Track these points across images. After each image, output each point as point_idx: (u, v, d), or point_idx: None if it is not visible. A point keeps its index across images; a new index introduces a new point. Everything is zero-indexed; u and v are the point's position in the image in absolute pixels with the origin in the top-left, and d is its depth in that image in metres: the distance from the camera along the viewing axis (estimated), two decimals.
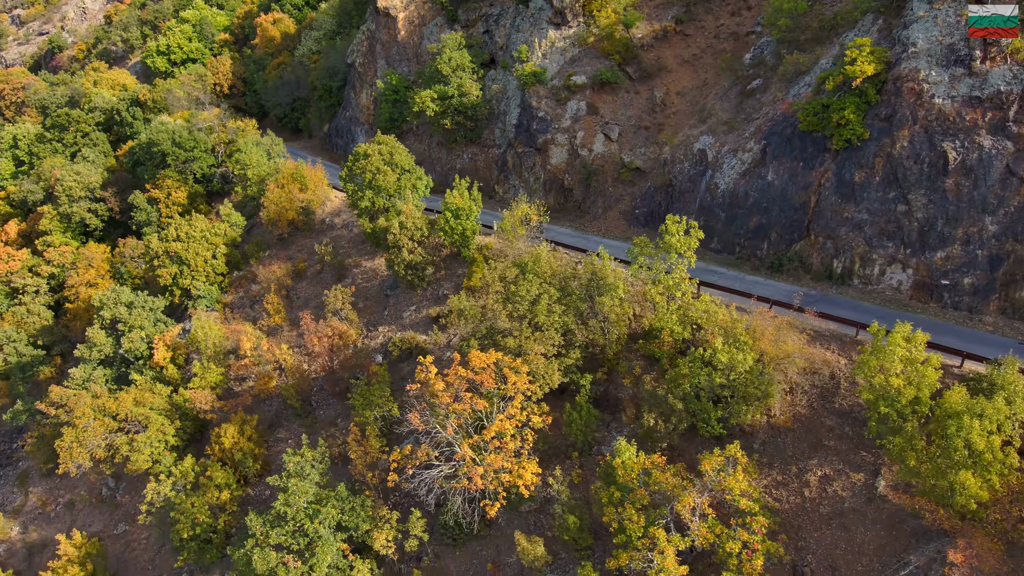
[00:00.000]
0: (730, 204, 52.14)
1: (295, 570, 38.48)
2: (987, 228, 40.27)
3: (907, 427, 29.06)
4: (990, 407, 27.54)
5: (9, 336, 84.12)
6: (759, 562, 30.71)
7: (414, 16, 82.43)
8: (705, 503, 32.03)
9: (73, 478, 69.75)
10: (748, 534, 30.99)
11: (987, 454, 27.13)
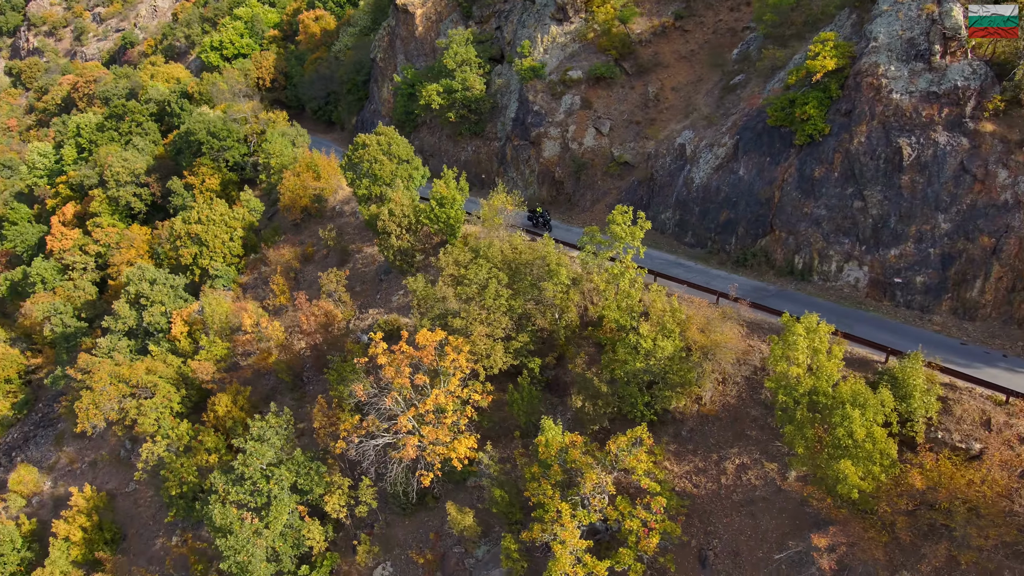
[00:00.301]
0: (703, 199, 52.50)
1: (249, 526, 41.65)
2: (940, 226, 39.66)
3: (797, 415, 29.53)
4: (873, 398, 27.77)
5: (57, 308, 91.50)
6: (655, 540, 31.78)
7: (431, 12, 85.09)
8: (609, 481, 33.18)
9: (98, 440, 76.15)
10: (647, 513, 32.09)
11: (867, 444, 27.43)
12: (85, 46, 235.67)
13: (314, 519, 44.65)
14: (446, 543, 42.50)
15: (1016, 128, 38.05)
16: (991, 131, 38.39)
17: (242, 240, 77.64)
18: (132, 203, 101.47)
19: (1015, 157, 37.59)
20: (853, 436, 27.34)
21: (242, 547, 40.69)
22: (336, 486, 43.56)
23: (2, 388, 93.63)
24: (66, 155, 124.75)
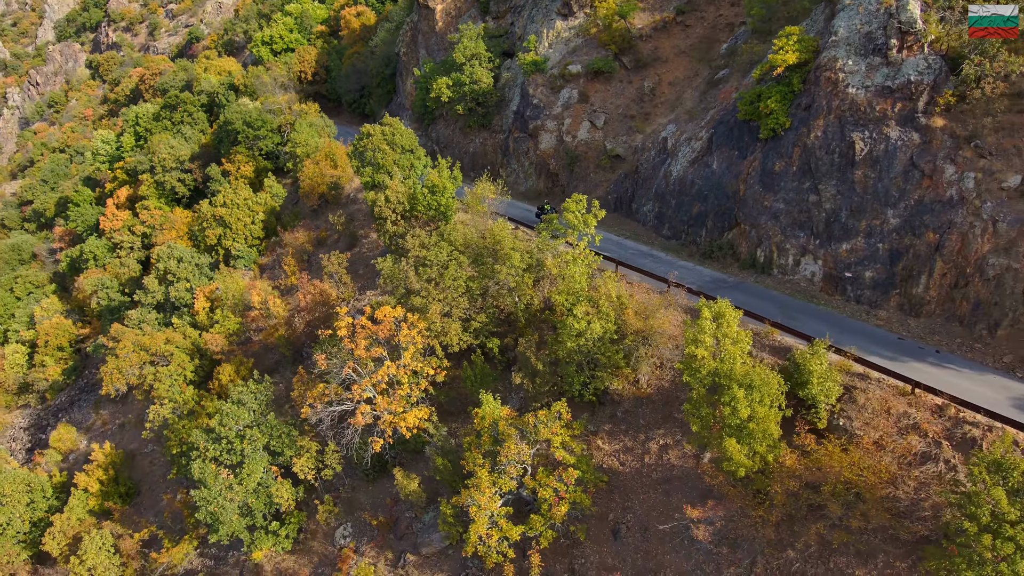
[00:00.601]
0: (679, 192, 53.35)
1: (223, 480, 45.41)
2: (889, 221, 39.68)
3: (694, 395, 30.76)
4: (759, 379, 28.77)
5: (104, 283, 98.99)
6: (564, 508, 33.59)
7: (450, 8, 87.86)
8: (527, 451, 35.06)
9: (129, 404, 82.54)
10: (559, 483, 33.88)
11: (751, 424, 28.50)
12: (157, 41, 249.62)
13: (287, 480, 48.13)
14: (400, 508, 45.25)
15: (965, 123, 37.74)
16: (941, 126, 38.19)
17: (263, 223, 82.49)
18: (176, 187, 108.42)
19: (963, 153, 37.34)
20: (738, 415, 28.45)
21: (214, 499, 44.50)
22: (305, 450, 46.88)
23: (55, 355, 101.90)
24: (125, 143, 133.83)
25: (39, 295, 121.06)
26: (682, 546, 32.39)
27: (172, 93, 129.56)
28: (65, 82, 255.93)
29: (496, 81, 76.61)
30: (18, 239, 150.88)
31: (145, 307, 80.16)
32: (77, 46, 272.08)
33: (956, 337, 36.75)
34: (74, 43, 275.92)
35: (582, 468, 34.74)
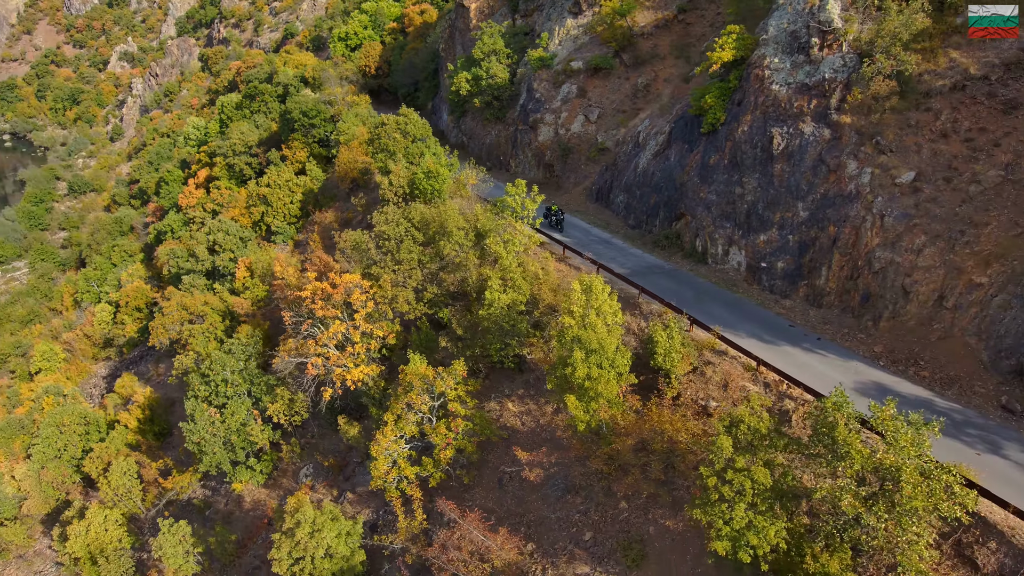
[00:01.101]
0: (642, 183, 56.06)
1: (208, 417, 52.85)
2: (799, 214, 41.32)
3: (553, 356, 34.39)
4: (596, 344, 32.05)
5: (175, 253, 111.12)
6: (450, 453, 38.13)
7: (483, 6, 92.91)
8: (427, 400, 39.69)
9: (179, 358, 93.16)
10: (447, 431, 38.40)
11: (587, 383, 31.93)
12: (260, 36, 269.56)
13: (267, 424, 55.10)
14: (352, 453, 51.04)
15: (871, 120, 38.86)
16: (849, 123, 39.48)
17: (300, 204, 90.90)
18: (244, 170, 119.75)
19: (865, 149, 38.56)
20: (576, 375, 31.98)
21: (199, 432, 51.99)
22: (279, 396, 53.55)
23: (133, 315, 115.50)
24: (211, 129, 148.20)
25: (130, 262, 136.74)
26: (545, 494, 36.11)
27: (252, 84, 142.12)
28: (180, 73, 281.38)
29: (512, 76, 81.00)
30: (122, 213, 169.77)
31: (196, 274, 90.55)
32: (192, 41, 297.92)
33: (844, 327, 38.16)
34: (190, 38, 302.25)
35: (475, 420, 39.07)
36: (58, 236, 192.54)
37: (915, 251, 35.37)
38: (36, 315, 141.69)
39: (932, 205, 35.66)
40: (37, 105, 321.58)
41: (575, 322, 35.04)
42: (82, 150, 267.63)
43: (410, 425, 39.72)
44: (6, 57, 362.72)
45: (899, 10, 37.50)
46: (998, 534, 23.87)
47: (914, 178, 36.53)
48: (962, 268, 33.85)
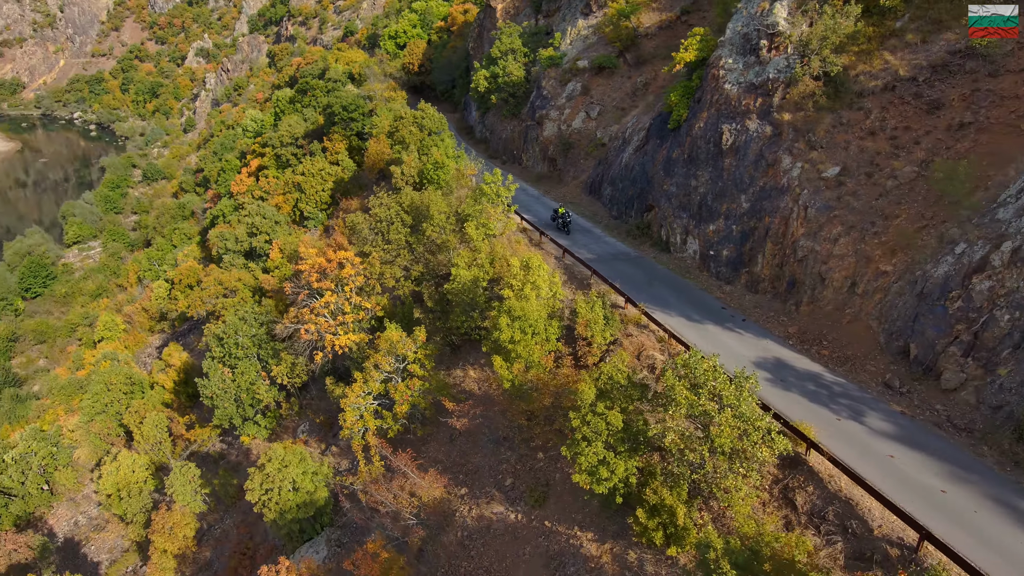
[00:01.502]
0: (624, 176, 59.61)
1: (222, 375, 59.52)
2: (742, 205, 44.34)
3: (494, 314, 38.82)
4: (519, 312, 36.27)
5: (224, 235, 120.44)
6: (405, 407, 43.09)
7: (509, 7, 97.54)
8: (390, 362, 44.73)
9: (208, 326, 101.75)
10: (405, 388, 43.37)
11: (510, 345, 36.25)
12: (324, 34, 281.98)
13: (272, 385, 61.43)
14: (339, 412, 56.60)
15: (807, 118, 41.55)
16: (788, 120, 42.27)
17: (331, 191, 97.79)
18: (289, 160, 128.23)
19: (798, 145, 41.32)
20: (502, 338, 36.36)
21: (211, 387, 58.72)
22: (282, 360, 59.76)
23: (185, 292, 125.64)
24: (266, 121, 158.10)
25: (187, 244, 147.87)
26: (482, 446, 40.59)
27: (304, 80, 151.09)
28: (249, 69, 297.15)
29: (528, 74, 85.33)
30: (186, 199, 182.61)
31: (236, 253, 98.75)
32: (262, 38, 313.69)
33: (772, 311, 41.09)
34: (260, 35, 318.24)
35: (431, 381, 43.88)
36: (130, 219, 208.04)
37: (832, 240, 38.11)
38: (104, 290, 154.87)
39: (852, 198, 38.28)
40: (121, 98, 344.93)
41: (512, 294, 39.36)
42: (158, 140, 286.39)
43: (376, 384, 44.89)
44: (95, 52, 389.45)
45: (832, 15, 40.06)
46: (818, 480, 26.95)
47: (839, 172, 39.17)
48: (871, 257, 36.45)
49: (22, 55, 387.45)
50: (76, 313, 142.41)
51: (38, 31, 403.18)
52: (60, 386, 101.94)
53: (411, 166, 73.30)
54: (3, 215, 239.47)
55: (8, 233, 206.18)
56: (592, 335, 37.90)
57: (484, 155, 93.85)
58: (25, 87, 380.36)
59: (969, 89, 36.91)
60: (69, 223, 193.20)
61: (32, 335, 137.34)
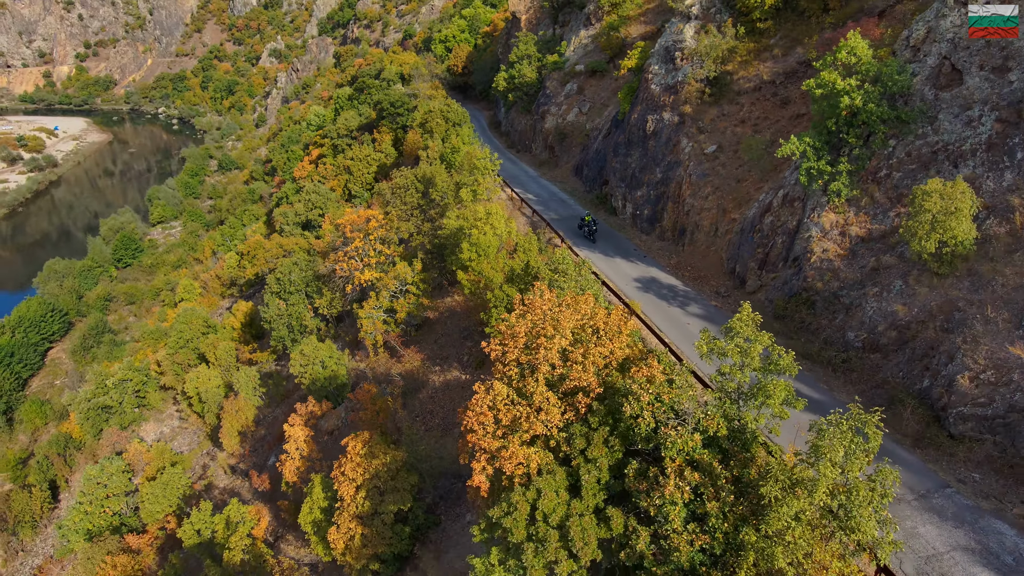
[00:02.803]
0: (594, 159, 76.10)
1: (276, 305, 78.92)
2: (656, 175, 60.42)
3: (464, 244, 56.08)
4: (475, 237, 53.41)
5: (286, 213, 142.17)
6: (403, 315, 60.83)
7: (532, 17, 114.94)
8: (395, 283, 62.63)
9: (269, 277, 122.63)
10: (404, 302, 61.13)
11: (471, 263, 53.47)
12: (386, 37, 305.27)
13: (316, 315, 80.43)
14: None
15: (700, 110, 57.36)
16: (687, 112, 58.14)
17: (374, 173, 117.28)
18: (344, 149, 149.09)
19: (692, 130, 57.18)
20: (463, 256, 53.65)
21: (270, 314, 78.16)
22: (325, 296, 78.64)
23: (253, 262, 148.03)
24: (327, 116, 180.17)
25: (255, 223, 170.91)
26: (455, 340, 58.04)
27: (362, 79, 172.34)
28: (316, 69, 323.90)
29: (539, 76, 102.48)
30: (255, 186, 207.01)
31: (295, 225, 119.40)
32: (329, 40, 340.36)
33: (667, 251, 57.04)
34: (328, 37, 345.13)
35: (424, 298, 61.59)
36: (206, 203, 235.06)
37: (704, 198, 53.93)
38: (183, 262, 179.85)
39: (721, 168, 54.03)
40: (200, 94, 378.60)
41: (477, 231, 56.62)
42: (232, 134, 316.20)
43: (385, 300, 63.00)
44: (179, 52, 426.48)
45: (715, 35, 55.76)
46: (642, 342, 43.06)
47: (715, 150, 54.91)
48: (727, 209, 52.15)
49: (115, 55, 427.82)
50: (160, 280, 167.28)
51: (129, 32, 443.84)
52: (149, 332, 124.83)
53: (434, 150, 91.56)
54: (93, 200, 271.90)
55: (95, 218, 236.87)
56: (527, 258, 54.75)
57: (505, 145, 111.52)
58: (116, 84, 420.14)
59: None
60: (154, 205, 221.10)
61: (124, 297, 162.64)
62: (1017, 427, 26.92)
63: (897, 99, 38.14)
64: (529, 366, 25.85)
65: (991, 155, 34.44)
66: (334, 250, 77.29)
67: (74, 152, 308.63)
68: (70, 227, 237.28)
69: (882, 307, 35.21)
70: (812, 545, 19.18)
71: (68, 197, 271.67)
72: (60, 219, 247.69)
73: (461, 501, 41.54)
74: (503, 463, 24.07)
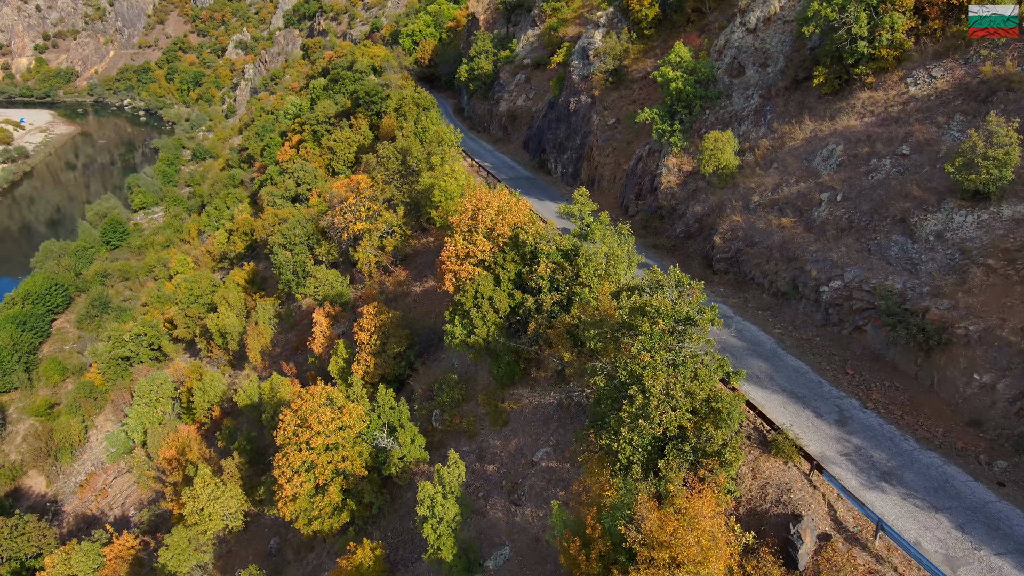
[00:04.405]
0: (536, 134, 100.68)
1: (283, 254, 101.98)
2: (577, 143, 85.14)
3: (435, 192, 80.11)
4: (442, 185, 77.36)
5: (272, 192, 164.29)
6: (390, 248, 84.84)
7: (489, 18, 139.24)
8: (384, 227, 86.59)
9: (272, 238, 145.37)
10: (391, 239, 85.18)
11: (438, 203, 77.47)
12: (353, 29, 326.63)
13: (318, 262, 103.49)
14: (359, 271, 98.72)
15: (605, 93, 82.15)
16: (597, 95, 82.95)
17: (355, 153, 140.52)
18: (323, 134, 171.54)
19: (599, 108, 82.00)
20: (435, 199, 77.63)
21: (278, 260, 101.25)
22: (324, 246, 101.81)
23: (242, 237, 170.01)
24: (304, 105, 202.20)
25: (239, 205, 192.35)
26: (430, 264, 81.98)
27: (336, 71, 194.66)
28: (284, 60, 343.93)
29: (495, 68, 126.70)
30: (234, 172, 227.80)
31: (284, 199, 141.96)
32: (296, 32, 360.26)
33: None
34: (294, 29, 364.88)
35: (406, 238, 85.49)
36: (185, 191, 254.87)
37: (607, 156, 78.76)
38: (171, 242, 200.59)
39: (618, 135, 78.91)
40: (166, 86, 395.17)
41: (444, 182, 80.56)
42: (202, 125, 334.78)
43: (376, 239, 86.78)
44: (142, 44, 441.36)
45: (611, 39, 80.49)
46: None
47: (615, 122, 79.75)
48: (620, 163, 77.04)
49: (76, 46, 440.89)
50: (151, 257, 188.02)
51: (89, 24, 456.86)
52: (155, 296, 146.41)
53: (408, 130, 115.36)
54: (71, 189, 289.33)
55: (58, 212, 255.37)
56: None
57: (467, 127, 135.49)
58: (79, 76, 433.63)
59: None
60: (135, 192, 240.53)
61: (118, 273, 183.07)
62: (740, 261, 51.99)
63: (707, 84, 63.25)
64: (472, 226, 50.13)
65: (756, 117, 59.62)
66: (331, 207, 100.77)
67: (44, 143, 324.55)
68: (53, 215, 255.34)
69: (694, 211, 60.24)
70: (600, 288, 43.79)
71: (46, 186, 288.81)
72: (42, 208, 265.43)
73: (438, 349, 65.63)
74: (460, 273, 48.37)
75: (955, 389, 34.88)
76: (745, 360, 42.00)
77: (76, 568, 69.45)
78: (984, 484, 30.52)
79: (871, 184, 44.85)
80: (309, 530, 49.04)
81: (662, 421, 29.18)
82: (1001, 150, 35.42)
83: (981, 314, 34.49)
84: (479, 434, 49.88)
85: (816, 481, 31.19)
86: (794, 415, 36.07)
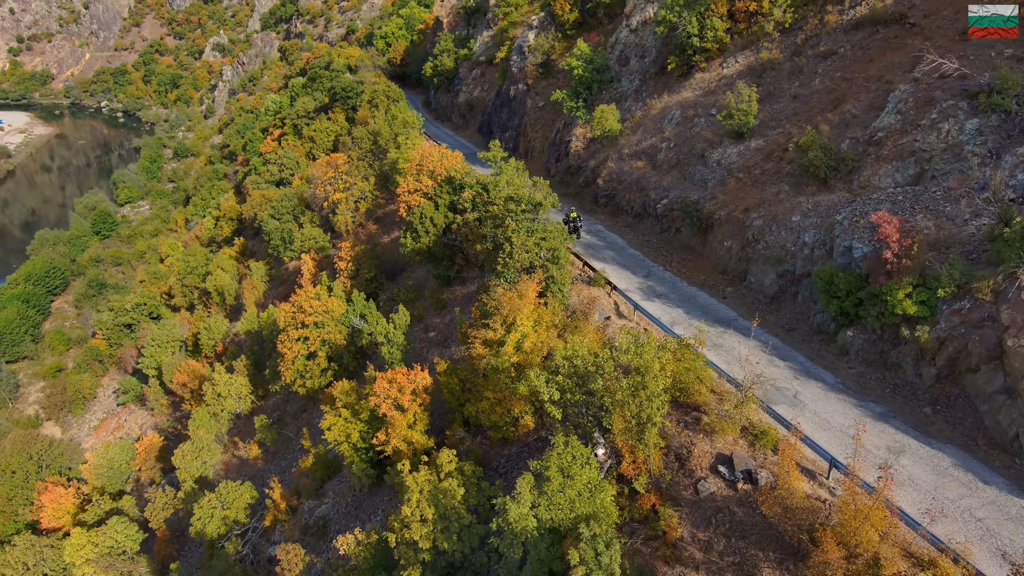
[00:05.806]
0: (487, 119, 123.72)
1: (271, 222, 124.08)
2: (516, 122, 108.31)
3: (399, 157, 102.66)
4: (405, 152, 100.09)
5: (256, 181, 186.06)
6: (363, 209, 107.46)
7: (452, 20, 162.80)
8: (358, 193, 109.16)
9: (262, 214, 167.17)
10: (364, 203, 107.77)
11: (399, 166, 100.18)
12: (329, 31, 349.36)
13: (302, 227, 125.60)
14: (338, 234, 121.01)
15: (538, 81, 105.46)
16: (531, 83, 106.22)
17: (333, 141, 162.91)
18: (303, 129, 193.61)
19: (533, 93, 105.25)
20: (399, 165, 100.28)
21: (268, 228, 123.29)
22: (307, 215, 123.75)
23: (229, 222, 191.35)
24: (284, 102, 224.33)
25: (224, 195, 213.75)
26: (395, 225, 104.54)
27: (314, 70, 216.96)
28: (262, 62, 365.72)
29: (456, 65, 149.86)
30: (217, 167, 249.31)
31: (268, 183, 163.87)
32: (273, 34, 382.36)
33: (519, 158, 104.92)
34: (272, 32, 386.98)
35: (376, 200, 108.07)
36: (168, 187, 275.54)
37: (537, 130, 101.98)
38: (159, 231, 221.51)
39: (545, 114, 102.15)
40: (144, 88, 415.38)
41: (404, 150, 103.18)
42: (181, 125, 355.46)
43: (352, 203, 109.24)
44: (119, 46, 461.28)
45: (541, 38, 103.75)
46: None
47: (543, 105, 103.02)
48: (547, 136, 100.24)
49: (51, 49, 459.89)
50: (142, 245, 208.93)
51: (64, 27, 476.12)
52: (152, 272, 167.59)
53: (380, 118, 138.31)
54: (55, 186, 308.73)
55: (33, 215, 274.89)
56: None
57: (433, 118, 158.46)
58: (55, 78, 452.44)
59: None
60: (120, 187, 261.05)
61: (111, 259, 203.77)
62: (614, 195, 75.10)
63: (603, 71, 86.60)
64: (420, 169, 72.83)
65: (636, 95, 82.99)
66: (311, 182, 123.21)
67: (25, 144, 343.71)
68: (39, 211, 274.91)
69: (590, 165, 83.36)
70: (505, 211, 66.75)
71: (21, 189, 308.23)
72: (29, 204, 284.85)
73: (400, 275, 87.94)
74: (411, 202, 71.08)
75: (714, 252, 58.10)
76: (601, 252, 65.05)
77: (114, 459, 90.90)
78: (716, 300, 53.65)
79: (691, 135, 68.21)
80: (304, 390, 71.21)
81: (521, 261, 51.94)
82: (745, 104, 58.78)
83: (727, 205, 57.77)
84: (425, 317, 72.49)
85: (614, 298, 54.26)
86: (619, 273, 59.11)
